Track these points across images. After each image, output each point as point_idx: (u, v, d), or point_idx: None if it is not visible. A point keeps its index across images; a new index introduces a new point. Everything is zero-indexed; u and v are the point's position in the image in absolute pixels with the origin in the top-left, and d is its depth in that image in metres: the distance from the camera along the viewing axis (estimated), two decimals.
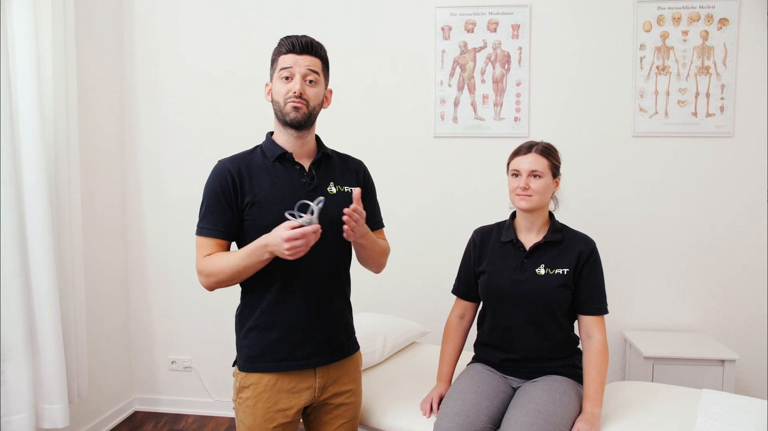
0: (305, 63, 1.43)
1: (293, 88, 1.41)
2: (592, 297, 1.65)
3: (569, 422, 1.53)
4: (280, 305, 1.45)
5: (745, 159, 2.53)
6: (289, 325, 1.45)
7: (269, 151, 1.48)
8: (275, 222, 1.37)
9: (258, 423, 1.46)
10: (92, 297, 2.58)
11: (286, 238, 1.24)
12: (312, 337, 1.47)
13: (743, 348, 2.55)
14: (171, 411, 2.92)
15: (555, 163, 1.67)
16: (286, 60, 1.43)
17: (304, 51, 1.43)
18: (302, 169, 1.47)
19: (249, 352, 1.48)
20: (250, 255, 1.35)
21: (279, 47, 1.46)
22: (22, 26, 2.01)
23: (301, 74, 1.42)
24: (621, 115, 2.59)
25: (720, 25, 2.51)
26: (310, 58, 1.44)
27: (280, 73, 1.43)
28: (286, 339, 1.45)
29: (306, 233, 1.25)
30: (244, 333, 1.50)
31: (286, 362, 1.46)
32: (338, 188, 1.51)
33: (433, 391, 1.72)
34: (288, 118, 1.43)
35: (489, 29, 2.64)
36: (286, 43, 1.44)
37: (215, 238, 1.44)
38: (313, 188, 1.46)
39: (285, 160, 1.47)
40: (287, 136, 1.47)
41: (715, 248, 2.57)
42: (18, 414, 1.99)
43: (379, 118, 2.73)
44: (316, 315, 1.47)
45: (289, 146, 1.48)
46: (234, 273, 1.38)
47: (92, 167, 2.60)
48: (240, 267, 1.37)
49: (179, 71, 2.82)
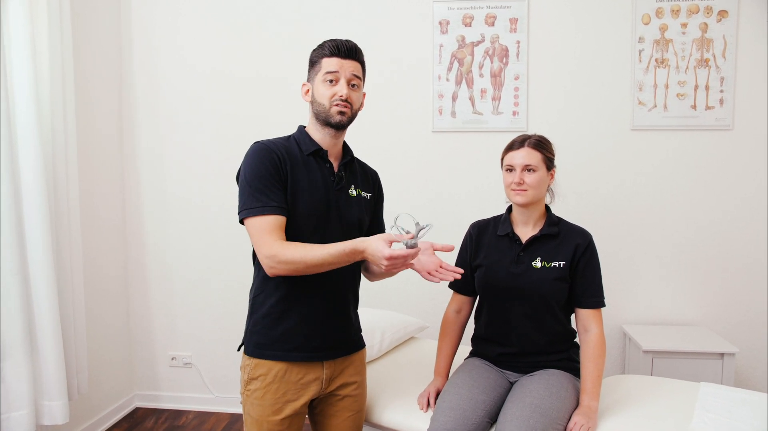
0: (350, 67, 1.45)
1: (340, 92, 1.44)
2: (589, 290, 1.65)
3: (566, 416, 1.53)
4: (297, 296, 1.46)
5: (744, 152, 2.52)
6: (304, 317, 1.46)
7: (304, 144, 1.49)
8: (302, 215, 1.41)
9: (266, 415, 1.46)
10: (92, 294, 2.59)
11: (387, 257, 1.22)
12: (325, 330, 1.49)
13: (743, 341, 2.55)
14: (171, 407, 2.93)
15: (548, 155, 1.66)
16: (331, 63, 1.44)
17: (348, 56, 1.45)
18: (332, 168, 1.50)
19: (260, 339, 1.48)
20: (342, 255, 1.30)
21: (322, 49, 1.47)
22: (18, 24, 2.00)
23: (347, 78, 1.45)
24: (620, 108, 2.58)
25: (719, 17, 2.49)
26: (353, 62, 1.46)
27: (325, 76, 1.44)
28: (300, 330, 1.46)
29: (408, 255, 1.24)
30: (256, 319, 1.49)
31: (296, 353, 1.47)
32: (358, 192, 1.55)
33: (430, 386, 1.72)
34: (333, 121, 1.45)
35: (487, 23, 2.63)
36: (330, 46, 1.45)
37: (278, 215, 1.37)
38: (340, 187, 1.50)
39: (319, 156, 1.49)
40: (324, 134, 1.49)
41: (714, 241, 2.56)
42: (18, 410, 2.00)
43: (376, 113, 2.72)
44: (330, 309, 1.49)
45: (324, 144, 1.50)
46: (317, 266, 1.33)
47: (91, 165, 2.61)
48: (326, 263, 1.32)
49: (178, 69, 2.82)
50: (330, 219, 1.46)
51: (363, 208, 1.55)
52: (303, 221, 1.43)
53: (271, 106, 2.77)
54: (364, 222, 1.56)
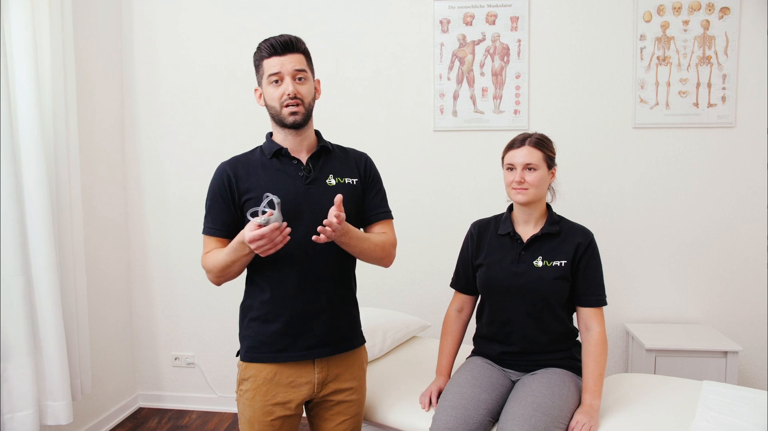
0: (291, 62, 1.43)
1: (286, 90, 1.43)
2: (591, 289, 1.64)
3: (568, 414, 1.53)
4: (281, 297, 1.46)
5: (747, 149, 2.51)
6: (290, 317, 1.46)
7: (267, 149, 1.51)
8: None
9: (257, 416, 1.48)
10: (94, 294, 2.60)
11: (249, 240, 1.27)
12: (312, 330, 1.48)
13: (746, 339, 2.54)
14: (175, 407, 2.94)
15: (549, 154, 1.66)
16: (271, 64, 1.43)
17: (286, 50, 1.43)
18: (299, 163, 1.49)
19: (250, 343, 1.51)
20: (233, 251, 1.39)
21: (260, 51, 1.46)
22: (19, 23, 2.01)
23: (290, 75, 1.43)
24: (621, 106, 2.57)
25: (721, 14, 2.48)
26: (293, 56, 1.44)
27: (269, 78, 1.44)
28: (287, 331, 1.46)
29: (265, 234, 1.26)
30: (246, 324, 1.53)
31: (285, 353, 1.47)
32: (338, 180, 1.51)
33: (432, 385, 1.72)
34: (288, 122, 1.44)
35: (488, 22, 2.62)
36: (265, 46, 1.44)
37: (215, 236, 1.49)
38: (310, 180, 1.48)
39: (282, 155, 1.49)
40: (285, 134, 1.49)
41: (717, 239, 2.56)
42: (21, 411, 2.01)
43: (378, 113, 2.72)
44: (317, 307, 1.47)
45: (287, 143, 1.50)
46: (223, 267, 1.43)
47: (93, 164, 2.61)
48: (227, 263, 1.41)
49: (180, 68, 2.82)
50: (302, 215, 1.43)
51: (346, 197, 1.45)
52: None
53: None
54: (349, 211, 1.47)
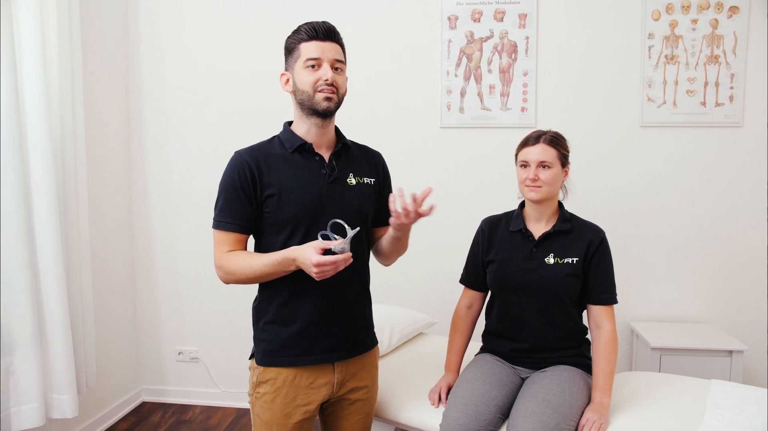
0: (331, 50, 1.37)
1: (324, 76, 1.35)
2: (602, 286, 1.65)
3: (578, 412, 1.53)
4: (298, 300, 1.41)
5: (754, 149, 2.51)
6: (308, 320, 1.41)
7: (288, 141, 1.43)
8: (296, 215, 1.37)
9: (276, 418, 1.43)
10: (99, 289, 2.59)
11: (315, 263, 1.22)
12: (331, 332, 1.43)
13: (751, 338, 2.55)
14: (178, 401, 2.94)
15: (563, 152, 1.66)
16: (310, 47, 1.36)
17: (327, 38, 1.37)
18: (322, 160, 1.43)
19: (267, 346, 1.44)
20: (276, 264, 1.32)
21: (298, 34, 1.39)
22: (27, 20, 2.00)
23: (329, 62, 1.37)
24: (629, 104, 2.57)
25: (730, 13, 2.48)
26: (334, 44, 1.39)
27: (306, 62, 1.36)
28: (305, 334, 1.41)
29: (337, 261, 1.23)
30: (261, 327, 1.46)
31: (305, 356, 1.42)
32: (358, 179, 1.47)
33: (441, 381, 1.73)
34: (321, 108, 1.37)
35: (496, 18, 2.62)
36: (307, 29, 1.37)
37: (234, 232, 1.40)
38: (333, 179, 1.42)
39: (305, 150, 1.42)
40: (310, 125, 1.42)
41: (723, 238, 2.56)
42: (28, 404, 2.01)
43: (384, 109, 2.71)
44: (335, 310, 1.43)
45: (310, 136, 1.43)
46: (255, 277, 1.36)
47: (99, 161, 2.60)
48: (263, 273, 1.35)
49: (185, 65, 2.81)
50: (323, 215, 1.39)
51: (365, 196, 1.47)
52: (294, 220, 1.38)
53: (278, 102, 2.75)
54: (367, 212, 1.48)
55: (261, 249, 1.44)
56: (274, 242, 1.40)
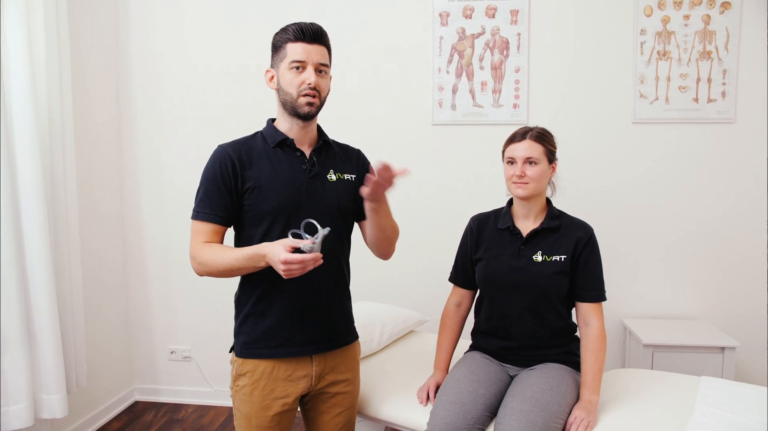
0: (316, 53, 1.39)
1: (308, 80, 1.38)
2: (590, 284, 1.64)
3: (566, 410, 1.52)
4: (276, 292, 1.43)
5: (746, 145, 2.50)
6: (286, 312, 1.44)
7: (270, 136, 1.46)
8: (275, 208, 1.39)
9: (255, 411, 1.45)
10: (90, 287, 2.58)
11: (282, 260, 1.22)
12: (308, 325, 1.46)
13: (743, 335, 2.54)
14: (171, 401, 2.93)
15: (550, 148, 1.65)
16: (295, 49, 1.38)
17: (314, 40, 1.39)
18: (303, 156, 1.46)
19: (245, 338, 1.48)
20: (247, 259, 1.33)
21: (285, 33, 1.40)
22: (14, 17, 1.98)
23: (314, 65, 1.38)
24: (621, 101, 2.56)
25: (722, 9, 2.47)
26: (320, 47, 1.40)
27: (291, 64, 1.38)
28: (283, 326, 1.44)
29: (305, 260, 1.23)
30: (241, 319, 1.50)
31: (283, 349, 1.45)
32: (338, 175, 1.50)
33: (430, 379, 1.72)
34: (302, 112, 1.40)
35: (487, 15, 2.60)
36: (295, 29, 1.38)
37: (212, 223, 1.41)
38: (313, 175, 1.45)
39: (286, 146, 1.46)
40: (291, 124, 1.45)
41: (715, 235, 2.55)
42: (16, 404, 2.00)
43: (376, 106, 2.70)
44: (312, 302, 1.46)
45: (292, 133, 1.46)
46: (226, 270, 1.37)
47: (89, 158, 2.59)
48: (234, 267, 1.36)
49: (176, 61, 2.79)
50: (302, 209, 1.41)
51: (345, 192, 1.49)
52: (273, 214, 1.40)
53: (270, 99, 2.73)
54: (347, 207, 1.50)
55: (241, 241, 1.47)
56: (253, 235, 1.43)
